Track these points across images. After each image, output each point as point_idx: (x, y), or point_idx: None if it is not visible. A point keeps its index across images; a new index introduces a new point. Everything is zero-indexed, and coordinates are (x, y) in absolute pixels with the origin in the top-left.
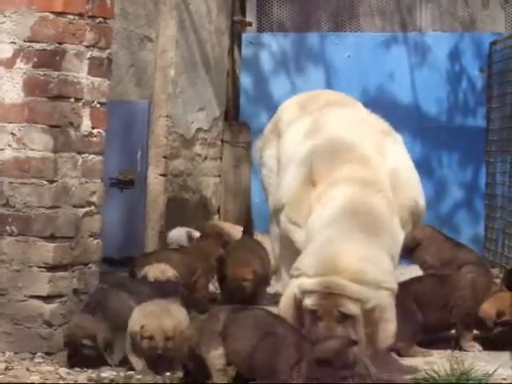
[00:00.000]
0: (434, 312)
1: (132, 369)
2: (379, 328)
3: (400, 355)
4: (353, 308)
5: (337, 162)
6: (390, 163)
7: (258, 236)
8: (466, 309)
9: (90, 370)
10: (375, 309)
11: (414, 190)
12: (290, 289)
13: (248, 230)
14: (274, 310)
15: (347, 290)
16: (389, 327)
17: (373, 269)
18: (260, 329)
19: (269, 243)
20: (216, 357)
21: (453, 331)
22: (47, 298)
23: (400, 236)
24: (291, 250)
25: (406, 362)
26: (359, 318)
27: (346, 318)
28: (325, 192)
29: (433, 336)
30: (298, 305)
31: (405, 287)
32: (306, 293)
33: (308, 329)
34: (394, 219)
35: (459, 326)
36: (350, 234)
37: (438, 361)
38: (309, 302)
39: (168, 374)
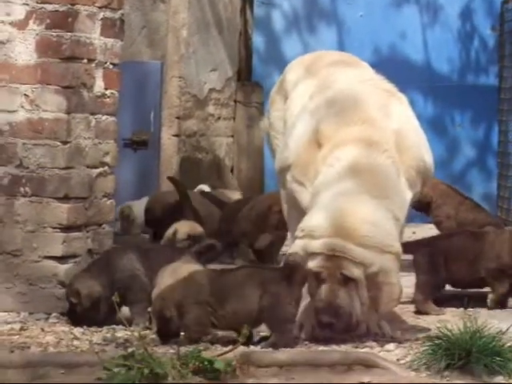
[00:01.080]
0: (463, 267)
1: (148, 329)
2: (383, 291)
3: (415, 308)
4: (356, 271)
5: (342, 123)
6: (395, 124)
7: None
8: (501, 265)
9: (104, 330)
10: (379, 273)
11: (420, 150)
12: (295, 249)
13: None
14: None
15: (351, 253)
16: (393, 290)
17: (378, 232)
18: (255, 283)
19: None
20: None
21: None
22: (62, 259)
23: (407, 197)
24: (298, 211)
25: (419, 320)
26: (362, 281)
27: (348, 280)
28: (330, 153)
29: (446, 294)
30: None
31: (435, 242)
32: (310, 255)
33: (311, 290)
34: (401, 179)
35: (492, 280)
36: (355, 196)
37: (451, 319)
38: (312, 263)
39: (182, 333)
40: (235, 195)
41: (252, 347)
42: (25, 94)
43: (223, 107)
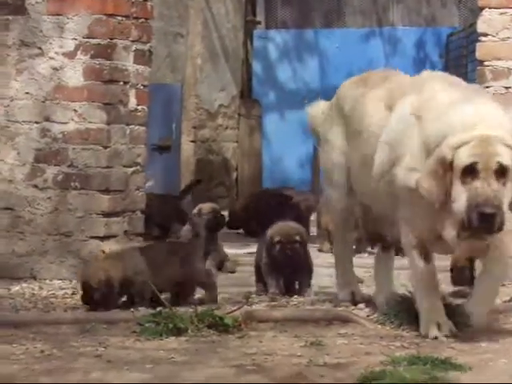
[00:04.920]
0: None
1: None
2: None
3: None
4: (509, 158)
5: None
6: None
7: None
8: None
9: None
10: None
11: None
12: (438, 156)
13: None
14: None
15: (503, 138)
16: None
17: (507, 120)
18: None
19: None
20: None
21: None
22: (104, 238)
23: None
24: (422, 206)
25: None
26: (511, 170)
27: (501, 173)
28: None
29: None
30: (446, 168)
31: None
32: (459, 147)
33: (458, 191)
34: None
35: None
36: (470, 98)
37: (408, 283)
38: (464, 155)
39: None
40: None
41: (253, 306)
42: (74, 110)
43: (229, 119)
